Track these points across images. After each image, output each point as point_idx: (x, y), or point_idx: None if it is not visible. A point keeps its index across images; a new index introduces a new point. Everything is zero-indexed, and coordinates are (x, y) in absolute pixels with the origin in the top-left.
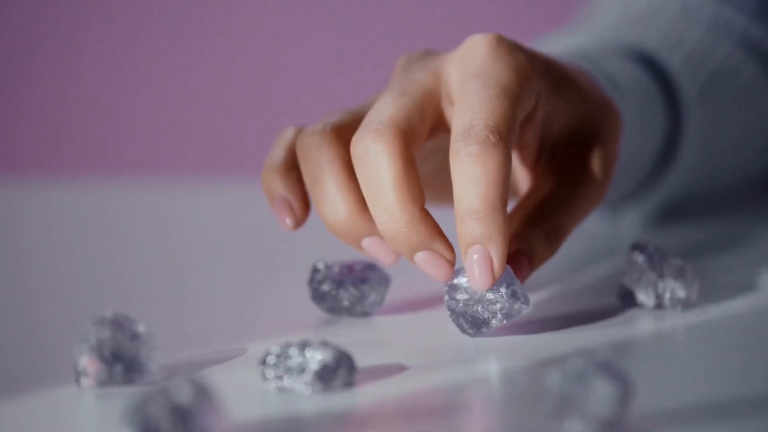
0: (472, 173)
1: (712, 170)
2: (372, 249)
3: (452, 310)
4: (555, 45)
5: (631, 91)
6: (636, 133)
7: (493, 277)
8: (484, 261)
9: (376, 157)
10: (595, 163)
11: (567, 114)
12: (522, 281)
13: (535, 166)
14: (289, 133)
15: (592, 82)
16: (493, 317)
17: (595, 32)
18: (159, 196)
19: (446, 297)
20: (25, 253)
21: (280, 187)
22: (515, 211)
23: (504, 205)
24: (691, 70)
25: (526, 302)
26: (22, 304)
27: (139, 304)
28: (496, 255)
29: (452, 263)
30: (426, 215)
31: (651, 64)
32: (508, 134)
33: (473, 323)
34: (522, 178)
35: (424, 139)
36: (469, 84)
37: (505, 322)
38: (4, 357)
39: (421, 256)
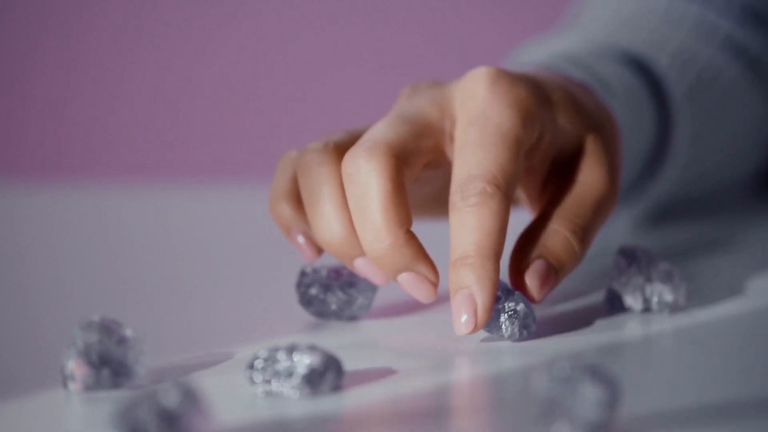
0: (468, 223)
1: (698, 172)
2: (364, 269)
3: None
4: (544, 48)
5: (623, 96)
6: (628, 136)
7: (476, 324)
8: (469, 305)
9: (367, 176)
10: (604, 172)
11: (572, 134)
12: (547, 293)
13: (544, 185)
14: (291, 158)
15: (589, 94)
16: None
17: (583, 36)
18: (147, 201)
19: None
20: (13, 256)
21: (295, 219)
22: (533, 223)
23: (497, 255)
24: (678, 73)
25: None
26: (10, 308)
27: (127, 307)
28: (482, 301)
29: (435, 284)
30: (411, 238)
31: (639, 67)
32: (506, 185)
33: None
34: (535, 195)
35: (418, 169)
36: (469, 131)
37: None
38: None
39: (404, 277)
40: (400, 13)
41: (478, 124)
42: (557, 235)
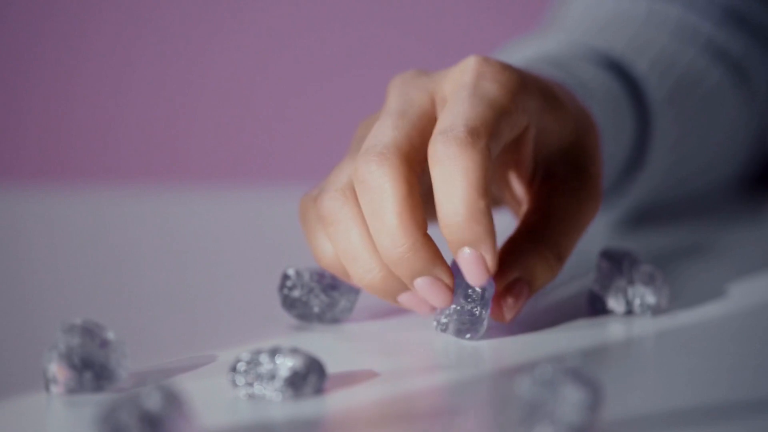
0: (452, 176)
1: (680, 175)
2: (409, 303)
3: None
4: (524, 50)
5: (604, 99)
6: (608, 139)
7: (489, 272)
8: (476, 260)
9: (380, 181)
10: (589, 180)
11: (558, 132)
12: (521, 307)
13: (531, 184)
14: (314, 199)
15: (570, 95)
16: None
17: (563, 38)
18: (131, 205)
19: (435, 323)
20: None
21: None
22: (516, 236)
23: (487, 203)
24: (658, 76)
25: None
26: None
27: (109, 311)
28: (488, 254)
29: (452, 289)
30: (428, 240)
31: (618, 70)
32: (487, 136)
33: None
34: (520, 196)
35: (425, 161)
36: (456, 93)
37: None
38: None
39: (420, 282)
40: (399, 13)
41: (466, 88)
42: (541, 258)
